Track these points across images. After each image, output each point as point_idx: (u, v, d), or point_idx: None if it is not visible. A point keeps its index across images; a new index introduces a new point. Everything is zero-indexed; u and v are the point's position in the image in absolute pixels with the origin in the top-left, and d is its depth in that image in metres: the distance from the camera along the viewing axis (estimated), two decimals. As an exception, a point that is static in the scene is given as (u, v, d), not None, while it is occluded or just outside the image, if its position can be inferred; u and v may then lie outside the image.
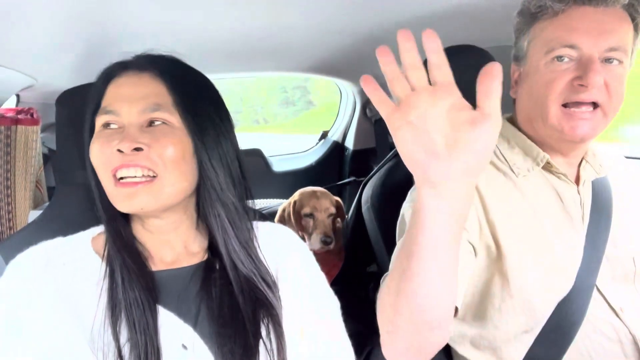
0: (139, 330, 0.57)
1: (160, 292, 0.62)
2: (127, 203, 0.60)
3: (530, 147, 0.82)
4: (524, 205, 0.80)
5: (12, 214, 1.17)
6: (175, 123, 0.63)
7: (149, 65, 0.65)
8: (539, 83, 0.76)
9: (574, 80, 0.72)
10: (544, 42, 0.75)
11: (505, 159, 0.83)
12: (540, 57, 0.75)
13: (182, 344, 0.60)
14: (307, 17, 1.05)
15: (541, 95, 0.75)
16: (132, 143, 0.59)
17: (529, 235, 0.78)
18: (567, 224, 0.81)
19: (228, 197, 0.67)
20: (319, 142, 2.36)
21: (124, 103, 0.62)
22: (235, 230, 0.67)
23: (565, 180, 0.82)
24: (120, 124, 0.62)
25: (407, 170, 0.48)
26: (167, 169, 0.61)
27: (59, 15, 0.84)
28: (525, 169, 0.81)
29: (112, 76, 0.66)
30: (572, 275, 0.77)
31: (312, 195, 1.44)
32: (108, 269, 0.62)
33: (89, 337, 0.57)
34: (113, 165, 0.60)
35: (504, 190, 0.80)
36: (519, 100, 0.83)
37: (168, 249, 0.68)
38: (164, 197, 0.62)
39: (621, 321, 0.77)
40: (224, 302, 0.63)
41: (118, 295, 0.59)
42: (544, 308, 0.78)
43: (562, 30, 0.73)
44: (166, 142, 0.61)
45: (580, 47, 0.71)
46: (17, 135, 1.17)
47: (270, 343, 0.63)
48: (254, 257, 0.69)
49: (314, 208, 1.40)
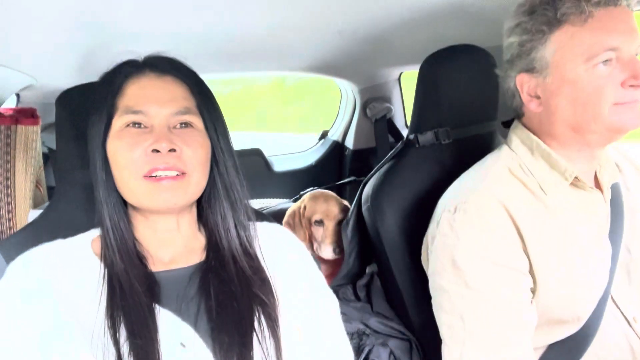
0: (138, 333, 0.57)
1: (159, 292, 0.63)
2: (159, 197, 0.62)
3: (556, 161, 0.78)
4: (555, 226, 0.77)
5: (12, 214, 1.17)
6: (199, 126, 0.67)
7: (169, 68, 0.68)
8: (587, 91, 0.72)
9: (624, 82, 0.71)
10: (580, 49, 0.71)
11: (532, 173, 0.80)
12: (578, 64, 0.72)
13: (180, 342, 0.60)
14: (307, 17, 1.05)
15: (592, 101, 0.72)
16: (169, 144, 0.62)
17: (561, 257, 0.76)
18: (598, 238, 0.79)
19: (237, 196, 0.70)
20: (319, 141, 2.36)
21: (153, 104, 0.64)
22: (238, 230, 0.70)
23: (593, 191, 0.79)
24: (148, 124, 0.64)
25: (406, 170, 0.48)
26: (195, 169, 0.64)
27: (59, 15, 0.84)
28: (553, 184, 0.79)
29: (129, 75, 0.67)
30: (601, 289, 0.76)
31: (323, 201, 1.41)
32: (107, 272, 0.62)
33: (89, 338, 0.57)
34: (147, 166, 0.61)
35: (536, 214, 0.78)
36: (554, 112, 0.77)
37: (169, 247, 0.68)
38: (190, 194, 0.65)
39: (634, 331, 0.77)
40: (222, 301, 0.64)
41: (117, 299, 0.59)
42: (570, 325, 0.77)
43: (600, 34, 0.70)
44: (196, 145, 0.65)
45: (620, 49, 0.71)
46: (17, 135, 1.17)
47: (267, 342, 0.63)
48: (253, 256, 0.69)
49: (325, 215, 1.38)
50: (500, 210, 0.76)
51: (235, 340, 0.60)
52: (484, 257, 0.75)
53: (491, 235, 0.75)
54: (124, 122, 0.64)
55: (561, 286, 0.75)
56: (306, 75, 1.87)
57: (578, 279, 0.76)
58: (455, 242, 0.77)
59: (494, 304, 0.74)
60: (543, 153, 0.80)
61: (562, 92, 0.75)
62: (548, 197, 0.78)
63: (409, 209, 1.03)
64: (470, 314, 0.74)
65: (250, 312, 0.64)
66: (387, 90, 1.97)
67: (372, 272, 1.26)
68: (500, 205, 0.76)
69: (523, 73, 0.79)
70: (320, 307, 0.72)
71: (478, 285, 0.74)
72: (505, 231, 0.76)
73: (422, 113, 1.09)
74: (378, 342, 1.06)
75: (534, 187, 0.79)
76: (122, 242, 0.64)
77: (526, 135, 0.82)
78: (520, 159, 0.82)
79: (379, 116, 1.91)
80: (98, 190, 0.66)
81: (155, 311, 0.60)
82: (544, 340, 0.78)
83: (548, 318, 0.76)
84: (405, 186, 1.05)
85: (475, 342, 0.74)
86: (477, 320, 0.74)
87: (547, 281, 0.75)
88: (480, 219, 0.76)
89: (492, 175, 0.81)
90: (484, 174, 0.82)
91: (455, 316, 0.76)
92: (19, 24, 0.84)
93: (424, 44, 1.19)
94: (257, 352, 0.62)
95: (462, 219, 0.77)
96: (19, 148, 1.17)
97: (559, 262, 0.76)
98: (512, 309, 0.74)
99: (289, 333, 0.66)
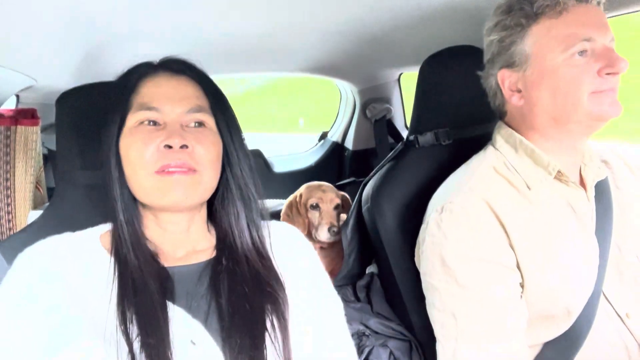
0: (149, 328, 0.57)
1: (172, 289, 0.63)
2: (170, 193, 0.62)
3: (539, 156, 0.81)
4: (540, 221, 0.79)
5: (12, 214, 1.17)
6: (211, 125, 0.68)
7: (184, 68, 0.69)
8: (565, 80, 0.75)
9: (600, 70, 0.73)
10: (557, 40, 0.75)
11: (517, 170, 0.82)
12: (556, 55, 0.75)
13: (190, 339, 0.60)
14: (307, 17, 1.05)
15: (571, 91, 0.75)
16: (181, 140, 0.62)
17: (547, 252, 0.78)
18: (582, 233, 0.80)
19: (250, 196, 0.70)
20: (319, 142, 2.36)
21: (167, 101, 0.65)
22: (250, 229, 0.70)
23: (575, 187, 0.81)
24: (161, 121, 0.65)
25: (406, 171, 0.48)
26: (206, 167, 0.65)
27: (59, 15, 0.84)
28: (538, 180, 0.81)
29: (144, 75, 0.68)
30: (590, 285, 0.77)
31: (317, 188, 1.46)
32: (117, 267, 0.62)
33: (102, 334, 0.56)
34: (160, 162, 0.62)
35: (521, 210, 0.79)
36: (536, 104, 0.79)
37: (179, 246, 0.69)
38: (201, 192, 0.66)
39: (626, 327, 0.77)
40: (233, 298, 0.64)
41: (129, 294, 0.59)
42: (561, 320, 0.78)
43: (575, 26, 0.74)
44: (208, 143, 0.65)
45: (595, 39, 0.74)
46: (17, 135, 1.17)
47: (277, 340, 0.63)
48: (264, 255, 0.70)
49: (319, 199, 1.41)
50: (484, 208, 0.79)
51: (247, 342, 0.60)
52: (471, 254, 0.77)
53: (477, 233, 0.78)
54: (138, 119, 0.64)
55: (548, 280, 0.77)
56: (306, 76, 1.87)
57: (564, 273, 0.77)
58: (443, 241, 0.79)
59: (484, 300, 0.76)
60: (526, 149, 0.82)
61: (543, 83, 0.78)
62: (533, 193, 0.81)
63: (409, 209, 1.03)
64: (461, 311, 0.76)
65: (262, 313, 0.64)
66: (387, 91, 1.97)
67: (372, 272, 1.26)
68: (485, 203, 0.79)
69: (504, 69, 0.82)
70: (327, 307, 0.73)
71: (467, 283, 0.76)
72: (490, 228, 0.78)
73: (422, 114, 1.09)
74: (378, 343, 1.06)
75: (519, 184, 0.82)
76: (135, 238, 0.65)
77: (509, 133, 0.85)
78: (505, 157, 0.84)
79: (379, 117, 1.91)
80: (111, 187, 0.66)
81: (168, 308, 0.60)
82: (537, 337, 0.79)
83: (538, 313, 0.77)
84: (405, 187, 1.05)
85: (468, 339, 0.75)
86: (468, 317, 0.76)
87: (534, 275, 0.77)
88: (465, 218, 0.79)
89: (477, 175, 0.84)
90: (469, 174, 0.85)
91: (447, 314, 0.77)
92: (19, 25, 0.84)
93: (424, 45, 1.19)
94: (270, 353, 0.62)
95: (448, 218, 0.80)
96: (19, 148, 1.17)
97: (545, 257, 0.77)
98: (502, 304, 0.76)
99: (298, 332, 0.66)
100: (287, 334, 0.64)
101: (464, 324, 0.76)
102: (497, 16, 0.81)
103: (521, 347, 0.75)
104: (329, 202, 1.41)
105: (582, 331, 0.77)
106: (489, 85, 0.88)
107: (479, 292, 0.76)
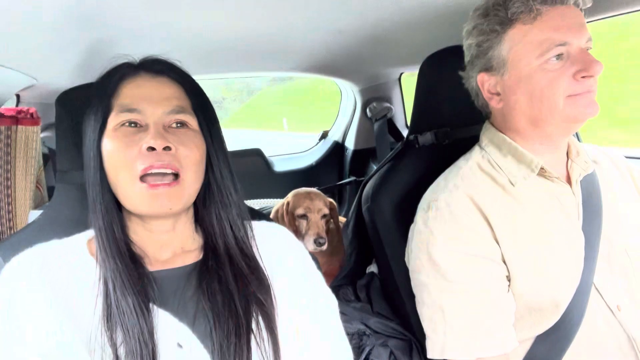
0: (133, 335, 0.57)
1: (156, 292, 0.62)
2: (155, 204, 0.62)
3: (522, 154, 0.82)
4: (525, 216, 0.80)
5: (12, 214, 1.17)
6: (194, 126, 0.67)
7: (164, 69, 0.69)
8: (541, 84, 0.76)
9: (576, 74, 0.74)
10: (532, 45, 0.75)
11: (501, 168, 0.84)
12: (531, 60, 0.76)
13: (177, 342, 0.60)
14: (308, 17, 1.05)
15: (547, 95, 0.76)
16: (163, 141, 0.61)
17: (532, 245, 0.79)
18: (567, 226, 0.81)
19: (232, 197, 0.70)
20: (319, 142, 2.36)
21: (148, 103, 0.64)
22: (234, 230, 0.70)
23: (560, 183, 0.83)
24: (143, 122, 0.64)
25: (406, 171, 0.48)
26: (188, 170, 0.64)
27: (58, 15, 0.84)
28: (521, 177, 0.82)
29: (125, 76, 0.67)
30: (577, 276, 0.78)
31: (305, 197, 1.44)
32: (101, 274, 0.62)
33: (87, 339, 0.56)
34: (142, 164, 0.61)
35: (505, 205, 0.81)
36: (514, 107, 0.81)
37: (165, 249, 0.68)
38: (185, 198, 0.65)
39: (617, 320, 0.78)
40: (219, 300, 0.64)
41: (112, 300, 0.59)
42: (550, 313, 0.78)
43: (549, 31, 0.74)
44: (191, 145, 0.65)
45: (570, 43, 0.74)
46: (17, 135, 1.17)
47: (265, 344, 0.63)
48: (250, 256, 0.69)
49: (307, 209, 1.40)
50: (468, 204, 0.81)
51: (232, 343, 0.60)
52: (457, 249, 0.79)
53: (462, 228, 0.80)
54: (119, 121, 0.64)
55: (533, 273, 0.78)
56: (306, 76, 1.87)
57: (549, 266, 0.78)
58: (430, 237, 0.81)
59: (471, 293, 0.77)
60: (510, 148, 0.84)
61: (519, 88, 0.79)
62: (517, 189, 0.82)
63: (409, 209, 1.03)
64: (449, 305, 0.78)
65: (248, 313, 0.63)
66: (387, 91, 1.97)
67: (372, 272, 1.26)
68: (468, 199, 0.81)
69: (483, 72, 0.84)
70: (318, 306, 0.72)
71: (454, 277, 0.78)
72: (474, 223, 0.80)
73: (422, 113, 1.09)
74: (378, 342, 1.06)
75: (503, 182, 0.83)
76: (115, 243, 0.64)
77: (494, 133, 0.87)
78: (490, 156, 0.87)
79: (379, 116, 1.91)
80: (90, 190, 0.65)
81: (152, 311, 0.60)
82: (528, 331, 0.80)
83: (526, 305, 0.79)
84: (405, 187, 1.05)
85: (456, 332, 0.77)
86: (456, 311, 0.78)
87: (520, 268, 0.78)
88: (450, 214, 0.81)
89: (462, 173, 0.86)
90: (455, 172, 0.87)
91: (435, 309, 0.79)
92: (19, 24, 0.84)
93: (424, 45, 1.19)
94: (256, 354, 0.62)
95: (434, 215, 0.82)
96: (19, 148, 1.17)
97: (529, 250, 0.79)
98: (489, 298, 0.77)
99: (286, 333, 0.66)
100: (275, 334, 0.64)
101: (452, 318, 0.77)
102: (475, 19, 0.82)
103: (509, 340, 0.77)
104: (317, 212, 1.40)
105: (573, 324, 0.78)
106: (470, 86, 0.90)
107: (465, 285, 0.78)
